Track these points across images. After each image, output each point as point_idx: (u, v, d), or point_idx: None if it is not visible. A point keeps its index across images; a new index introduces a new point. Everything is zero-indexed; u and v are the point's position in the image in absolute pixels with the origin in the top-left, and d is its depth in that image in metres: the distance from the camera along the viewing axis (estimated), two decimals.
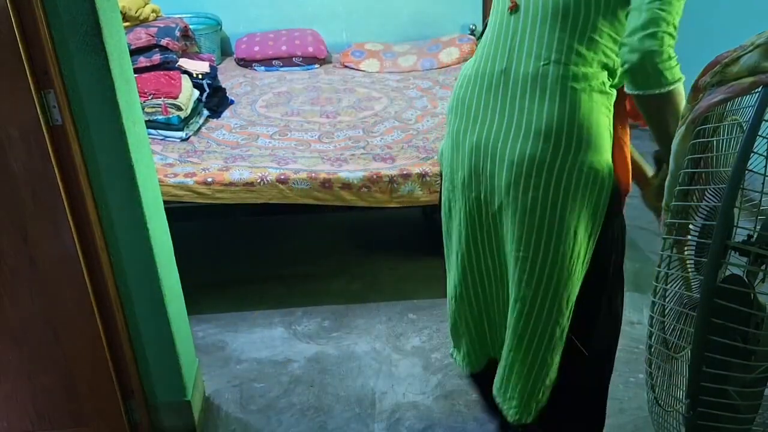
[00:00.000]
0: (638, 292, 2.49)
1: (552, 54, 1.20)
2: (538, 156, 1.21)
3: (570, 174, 1.21)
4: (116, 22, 1.51)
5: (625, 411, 1.93)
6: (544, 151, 1.20)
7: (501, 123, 1.24)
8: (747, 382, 1.13)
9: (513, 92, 1.23)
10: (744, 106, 1.13)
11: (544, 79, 1.20)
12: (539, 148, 1.20)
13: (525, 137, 1.21)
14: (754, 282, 1.13)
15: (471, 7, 4.09)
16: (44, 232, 1.51)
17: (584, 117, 1.19)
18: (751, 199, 1.10)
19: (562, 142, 1.20)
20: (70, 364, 1.67)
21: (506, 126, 1.24)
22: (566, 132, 1.19)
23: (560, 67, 1.19)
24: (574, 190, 1.22)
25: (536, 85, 1.21)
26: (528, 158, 1.21)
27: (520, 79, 1.22)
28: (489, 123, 1.27)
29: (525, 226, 1.27)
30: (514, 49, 1.24)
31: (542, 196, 1.23)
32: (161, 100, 2.57)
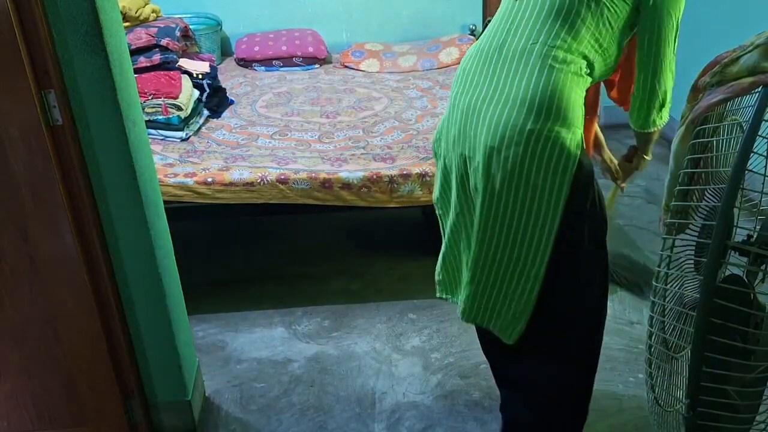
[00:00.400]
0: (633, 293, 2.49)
1: (541, 37, 1.35)
2: (512, 122, 1.32)
3: (542, 141, 1.31)
4: (116, 22, 1.51)
5: (625, 411, 1.93)
6: (520, 117, 1.32)
7: (489, 89, 1.38)
8: (747, 382, 1.13)
9: (503, 64, 1.38)
10: (744, 106, 1.13)
11: (528, 56, 1.35)
12: (515, 114, 1.32)
13: (505, 103, 1.34)
14: (754, 282, 1.13)
15: (471, 7, 4.09)
16: (44, 232, 1.51)
17: (559, 91, 1.32)
18: (751, 199, 1.10)
19: (534, 110, 1.31)
20: (70, 364, 1.67)
21: (492, 92, 1.37)
22: (539, 102, 1.31)
23: (545, 48, 1.34)
24: (547, 157, 1.32)
25: (522, 60, 1.35)
26: (505, 123, 1.33)
27: (510, 53, 1.37)
28: (479, 88, 1.40)
29: (496, 186, 1.37)
30: (511, 30, 1.40)
31: (512, 159, 1.33)
32: (161, 100, 2.57)
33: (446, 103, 2.98)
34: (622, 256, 2.46)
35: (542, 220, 1.36)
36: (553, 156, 1.31)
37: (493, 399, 1.98)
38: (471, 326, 2.32)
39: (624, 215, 3.09)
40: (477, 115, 1.38)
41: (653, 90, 1.40)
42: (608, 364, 2.12)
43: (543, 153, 1.31)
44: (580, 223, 1.39)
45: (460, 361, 2.16)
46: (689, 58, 3.70)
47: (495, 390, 2.01)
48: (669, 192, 1.28)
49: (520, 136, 1.31)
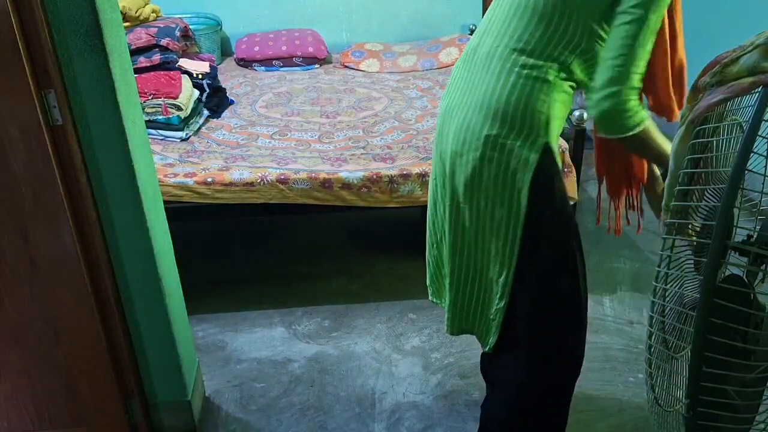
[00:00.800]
0: (638, 292, 2.50)
1: (504, 39, 1.31)
2: (473, 126, 1.31)
3: (498, 148, 1.29)
4: (116, 22, 1.51)
5: (625, 411, 1.93)
6: (479, 122, 1.31)
7: (459, 93, 1.37)
8: (747, 382, 1.13)
9: (473, 68, 1.36)
10: (744, 106, 1.13)
11: (492, 59, 1.32)
12: (475, 119, 1.31)
13: (469, 108, 1.33)
14: (754, 282, 1.13)
15: (471, 7, 4.09)
16: (44, 232, 1.51)
17: (516, 99, 1.28)
18: (751, 199, 1.10)
19: (491, 116, 1.29)
20: (70, 364, 1.67)
21: (461, 95, 1.36)
22: (495, 108, 1.29)
23: (506, 51, 1.30)
24: (504, 165, 1.30)
25: (487, 64, 1.32)
26: (466, 128, 1.32)
27: (480, 56, 1.35)
28: (454, 91, 1.40)
29: (459, 192, 1.37)
30: (487, 31, 1.36)
31: (471, 165, 1.32)
32: (161, 100, 2.57)
33: None
34: None
35: (504, 229, 1.34)
36: (510, 164, 1.30)
37: None
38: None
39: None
40: (450, 119, 1.38)
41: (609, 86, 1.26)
42: (608, 364, 2.12)
43: (500, 160, 1.30)
44: (542, 231, 1.36)
45: (460, 361, 2.16)
46: (689, 58, 3.71)
47: None
48: (669, 192, 1.28)
49: (478, 142, 1.31)
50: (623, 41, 1.20)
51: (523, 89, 1.28)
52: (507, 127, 1.29)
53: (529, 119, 1.28)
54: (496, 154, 1.29)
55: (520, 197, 1.31)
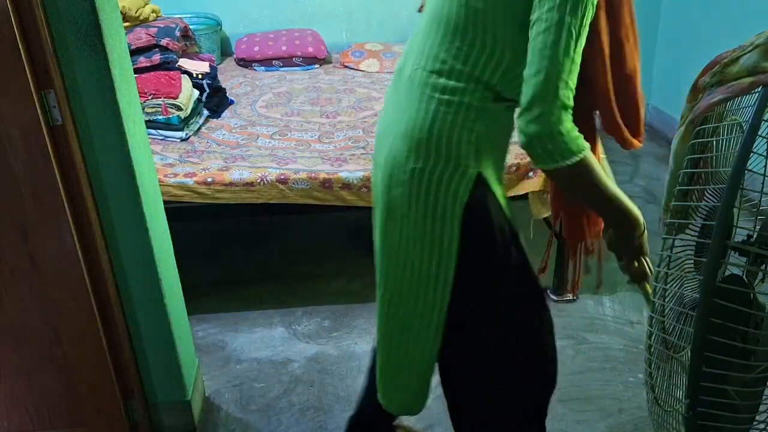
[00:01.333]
0: (638, 292, 2.49)
1: (424, 60, 1.18)
2: (398, 158, 1.20)
3: (425, 182, 1.18)
4: (116, 22, 1.51)
5: (625, 411, 1.93)
6: (403, 154, 1.19)
7: (390, 118, 1.25)
8: (747, 382, 1.13)
9: (400, 91, 1.24)
10: (744, 106, 1.13)
11: (413, 83, 1.19)
12: (399, 150, 1.20)
13: (395, 137, 1.21)
14: (754, 282, 1.13)
15: None
16: (44, 231, 1.50)
17: (438, 129, 1.15)
18: (750, 199, 1.10)
19: (414, 148, 1.18)
20: (70, 364, 1.67)
21: (390, 122, 1.24)
22: (417, 139, 1.17)
23: (426, 75, 1.17)
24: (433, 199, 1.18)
25: (410, 88, 1.20)
26: (392, 158, 1.21)
27: (404, 80, 1.23)
28: (385, 116, 1.29)
29: (384, 225, 1.26)
30: (410, 51, 1.24)
31: (399, 200, 1.21)
32: (161, 100, 2.57)
33: None
34: None
35: (435, 269, 1.22)
36: (439, 199, 1.17)
37: None
38: None
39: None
40: (381, 147, 1.27)
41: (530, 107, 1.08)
42: (608, 364, 2.12)
43: (428, 195, 1.18)
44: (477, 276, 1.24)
45: None
46: (689, 58, 3.71)
47: None
48: (669, 192, 1.28)
49: (404, 176, 1.19)
50: (542, 53, 1.02)
51: (445, 118, 1.15)
52: (432, 159, 1.16)
53: (455, 150, 1.15)
54: (423, 189, 1.17)
55: (451, 234, 1.19)
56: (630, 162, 3.68)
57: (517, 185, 2.29)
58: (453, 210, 1.17)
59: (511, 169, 2.27)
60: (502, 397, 1.35)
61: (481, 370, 1.33)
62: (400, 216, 1.22)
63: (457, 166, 1.16)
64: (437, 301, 1.25)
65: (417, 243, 1.22)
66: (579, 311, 2.40)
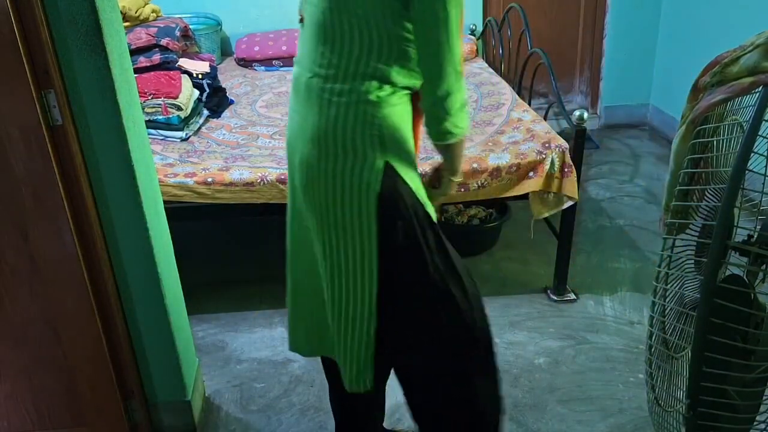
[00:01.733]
0: (638, 292, 2.50)
1: (315, 67, 1.25)
2: (309, 160, 1.27)
3: (338, 178, 1.25)
4: (116, 22, 1.51)
5: (625, 411, 1.93)
6: (313, 156, 1.26)
7: (296, 125, 1.32)
8: (747, 382, 1.13)
9: (299, 98, 1.30)
10: (744, 106, 1.13)
11: (311, 91, 1.26)
12: (309, 152, 1.27)
13: (304, 141, 1.28)
14: (754, 282, 1.13)
15: (471, 7, 4.08)
16: (44, 231, 1.50)
17: (344, 131, 1.23)
18: (751, 199, 1.10)
19: (323, 148, 1.25)
20: (70, 364, 1.67)
21: (297, 128, 1.31)
22: (324, 140, 1.24)
23: (321, 81, 1.24)
24: (348, 194, 1.26)
25: (308, 95, 1.27)
26: (306, 162, 1.28)
27: (301, 87, 1.29)
28: (292, 123, 1.35)
29: (315, 225, 1.33)
30: (300, 60, 1.31)
31: (318, 199, 1.29)
32: (161, 100, 2.57)
33: None
34: None
35: (360, 260, 1.30)
36: (353, 193, 1.25)
37: None
38: None
39: (624, 215, 3.09)
40: (293, 152, 1.34)
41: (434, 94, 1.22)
42: (608, 364, 2.12)
43: (343, 191, 1.26)
44: (400, 260, 1.31)
45: None
46: (689, 58, 3.71)
47: None
48: (669, 192, 1.28)
49: (319, 175, 1.26)
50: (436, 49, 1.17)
51: (346, 117, 1.22)
52: (341, 158, 1.24)
53: (360, 145, 1.23)
54: (339, 187, 1.25)
55: (369, 225, 1.27)
56: (630, 162, 3.69)
57: (517, 185, 2.29)
58: (368, 202, 1.25)
59: (512, 169, 2.27)
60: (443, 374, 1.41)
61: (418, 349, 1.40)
62: (320, 215, 1.29)
63: (365, 160, 1.23)
64: (366, 291, 1.32)
65: (340, 239, 1.29)
66: (579, 311, 2.40)
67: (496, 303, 2.46)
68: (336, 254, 1.32)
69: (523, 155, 2.29)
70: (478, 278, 2.60)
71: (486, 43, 4.06)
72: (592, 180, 3.49)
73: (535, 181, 2.28)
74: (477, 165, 2.26)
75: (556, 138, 2.35)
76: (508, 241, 2.88)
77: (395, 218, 1.28)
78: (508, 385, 2.03)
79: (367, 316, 1.35)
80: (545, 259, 2.68)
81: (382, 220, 1.27)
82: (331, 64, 1.22)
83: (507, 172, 2.27)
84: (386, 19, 1.17)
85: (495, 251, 2.83)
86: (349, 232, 1.28)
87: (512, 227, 2.86)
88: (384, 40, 1.19)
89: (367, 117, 1.22)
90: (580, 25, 4.19)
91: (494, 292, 2.52)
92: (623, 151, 3.85)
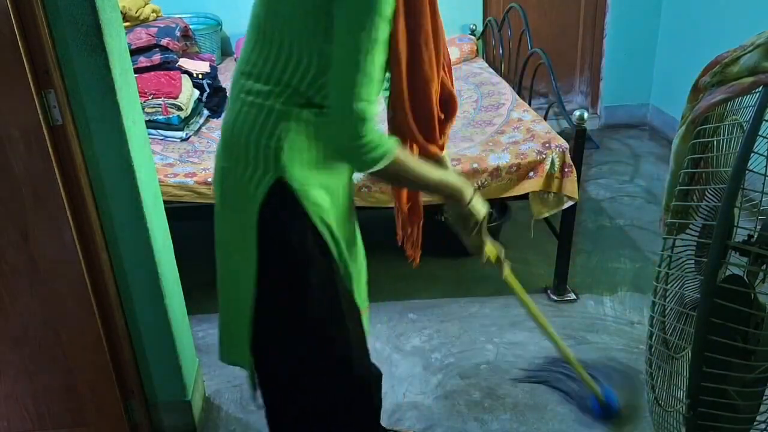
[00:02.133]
0: (639, 292, 2.49)
1: (242, 64, 1.20)
2: (217, 154, 1.23)
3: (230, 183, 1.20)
4: (116, 22, 1.51)
5: (625, 411, 1.93)
6: (218, 151, 1.23)
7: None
8: (747, 382, 1.13)
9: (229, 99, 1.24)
10: (744, 106, 1.13)
11: (234, 87, 1.21)
12: (218, 147, 1.23)
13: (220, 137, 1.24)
14: (754, 282, 1.13)
15: (471, 7, 4.08)
16: (44, 231, 1.50)
17: (240, 130, 1.16)
18: (751, 199, 1.10)
19: (227, 147, 1.20)
20: (70, 364, 1.67)
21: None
22: (227, 139, 1.20)
23: (243, 78, 1.18)
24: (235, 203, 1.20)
25: (232, 91, 1.22)
26: (216, 156, 1.25)
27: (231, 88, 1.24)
28: None
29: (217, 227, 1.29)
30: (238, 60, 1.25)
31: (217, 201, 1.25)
32: (161, 100, 2.57)
33: None
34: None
35: (241, 268, 1.22)
36: (239, 200, 1.18)
37: (493, 399, 1.98)
38: (471, 326, 2.34)
39: (624, 215, 3.09)
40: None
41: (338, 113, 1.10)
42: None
43: (232, 195, 1.19)
44: (277, 290, 1.22)
45: (460, 361, 2.15)
46: (689, 58, 3.71)
47: (495, 390, 2.01)
48: (669, 192, 1.28)
49: (217, 173, 1.23)
50: (339, 72, 1.07)
51: (246, 119, 1.15)
52: (234, 160, 1.17)
53: (253, 153, 1.15)
54: (229, 189, 1.20)
55: (249, 238, 1.18)
56: (630, 162, 3.68)
57: (517, 185, 2.29)
58: (250, 214, 1.16)
59: (512, 169, 2.27)
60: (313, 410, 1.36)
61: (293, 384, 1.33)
62: (216, 215, 1.26)
63: (256, 170, 1.15)
64: (244, 297, 1.24)
65: (230, 241, 1.25)
66: (579, 311, 2.40)
67: (496, 303, 2.46)
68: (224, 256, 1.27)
69: (523, 155, 2.29)
70: (478, 278, 2.62)
71: (486, 43, 4.06)
72: (592, 180, 3.49)
73: (535, 181, 2.28)
74: (477, 165, 2.26)
75: (557, 138, 2.35)
76: (508, 241, 2.87)
77: (276, 242, 1.18)
78: (509, 385, 2.03)
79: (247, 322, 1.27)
80: (545, 259, 2.68)
81: (262, 240, 1.18)
82: (253, 63, 1.16)
83: (507, 172, 2.27)
84: (317, 35, 1.09)
85: None
86: (234, 237, 1.22)
87: (512, 227, 2.86)
88: (310, 55, 1.11)
89: (267, 125, 1.14)
90: (580, 25, 4.19)
91: (494, 292, 2.52)
92: (623, 151, 3.85)
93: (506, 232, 2.87)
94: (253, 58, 1.16)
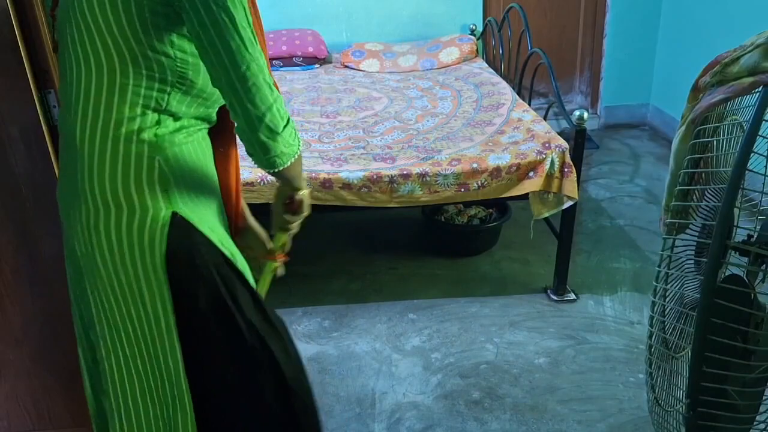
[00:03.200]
0: (638, 292, 2.50)
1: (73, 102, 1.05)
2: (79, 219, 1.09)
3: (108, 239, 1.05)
4: None
5: (625, 411, 1.93)
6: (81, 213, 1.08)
7: (61, 180, 1.17)
8: (747, 382, 1.13)
9: (64, 146, 1.12)
10: (744, 106, 1.13)
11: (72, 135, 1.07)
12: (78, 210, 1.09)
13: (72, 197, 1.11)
14: (754, 282, 1.13)
15: (471, 7, 4.09)
16: (44, 231, 1.50)
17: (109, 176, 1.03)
18: (751, 199, 1.10)
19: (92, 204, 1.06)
20: (70, 364, 1.67)
21: (64, 183, 1.15)
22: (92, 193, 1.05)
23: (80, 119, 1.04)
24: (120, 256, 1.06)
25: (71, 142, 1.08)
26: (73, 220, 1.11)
27: (65, 133, 1.11)
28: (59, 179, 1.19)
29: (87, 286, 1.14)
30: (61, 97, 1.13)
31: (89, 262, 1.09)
32: None
33: (446, 103, 2.98)
34: None
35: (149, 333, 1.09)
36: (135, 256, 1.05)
37: (493, 399, 1.98)
38: (471, 326, 2.34)
39: (624, 215, 3.09)
40: (62, 210, 1.17)
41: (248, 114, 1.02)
42: (608, 364, 2.12)
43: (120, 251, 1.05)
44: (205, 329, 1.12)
45: (460, 361, 2.16)
46: (689, 58, 3.71)
47: (495, 390, 2.02)
48: (669, 192, 1.28)
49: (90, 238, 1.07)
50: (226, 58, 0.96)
51: (114, 163, 1.01)
52: (114, 212, 1.02)
53: (136, 195, 1.02)
54: (114, 249, 1.03)
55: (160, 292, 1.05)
56: (630, 162, 3.69)
57: (517, 185, 2.29)
58: (153, 263, 1.03)
59: (512, 169, 2.27)
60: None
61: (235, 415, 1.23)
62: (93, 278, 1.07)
63: (145, 212, 1.03)
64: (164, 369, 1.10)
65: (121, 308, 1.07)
66: (579, 311, 2.40)
67: (496, 303, 2.46)
68: (116, 327, 1.08)
69: (523, 155, 2.29)
70: (478, 278, 2.62)
71: (486, 43, 4.06)
72: (592, 180, 3.49)
73: (535, 181, 2.28)
74: (477, 165, 2.26)
75: (556, 138, 2.35)
76: (508, 241, 2.88)
77: (192, 280, 1.07)
78: (509, 385, 2.03)
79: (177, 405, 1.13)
80: (545, 259, 2.68)
81: (175, 283, 1.06)
82: (89, 96, 1.00)
83: (507, 172, 2.27)
84: (143, 35, 0.97)
85: (495, 251, 2.83)
86: (131, 301, 1.06)
87: (512, 227, 2.87)
88: (144, 61, 0.98)
89: (142, 160, 1.01)
90: (580, 25, 4.20)
91: (494, 292, 2.52)
92: (623, 151, 3.85)
93: (506, 232, 2.88)
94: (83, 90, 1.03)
